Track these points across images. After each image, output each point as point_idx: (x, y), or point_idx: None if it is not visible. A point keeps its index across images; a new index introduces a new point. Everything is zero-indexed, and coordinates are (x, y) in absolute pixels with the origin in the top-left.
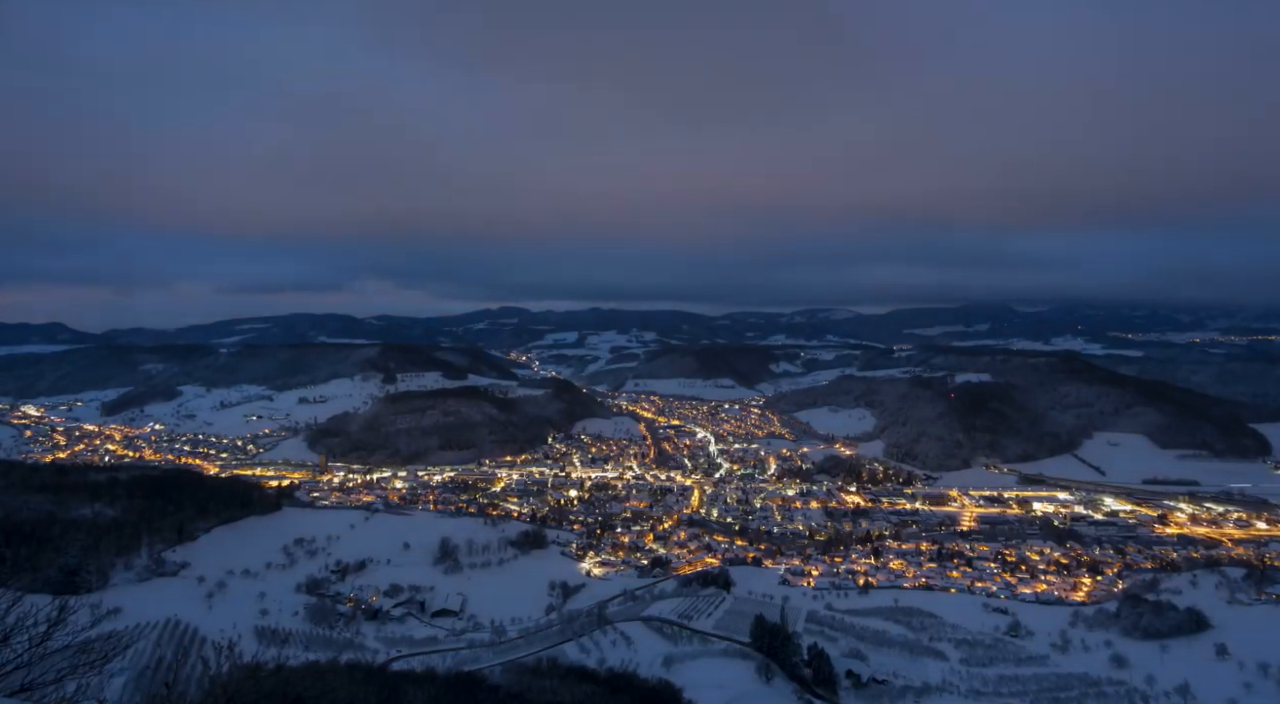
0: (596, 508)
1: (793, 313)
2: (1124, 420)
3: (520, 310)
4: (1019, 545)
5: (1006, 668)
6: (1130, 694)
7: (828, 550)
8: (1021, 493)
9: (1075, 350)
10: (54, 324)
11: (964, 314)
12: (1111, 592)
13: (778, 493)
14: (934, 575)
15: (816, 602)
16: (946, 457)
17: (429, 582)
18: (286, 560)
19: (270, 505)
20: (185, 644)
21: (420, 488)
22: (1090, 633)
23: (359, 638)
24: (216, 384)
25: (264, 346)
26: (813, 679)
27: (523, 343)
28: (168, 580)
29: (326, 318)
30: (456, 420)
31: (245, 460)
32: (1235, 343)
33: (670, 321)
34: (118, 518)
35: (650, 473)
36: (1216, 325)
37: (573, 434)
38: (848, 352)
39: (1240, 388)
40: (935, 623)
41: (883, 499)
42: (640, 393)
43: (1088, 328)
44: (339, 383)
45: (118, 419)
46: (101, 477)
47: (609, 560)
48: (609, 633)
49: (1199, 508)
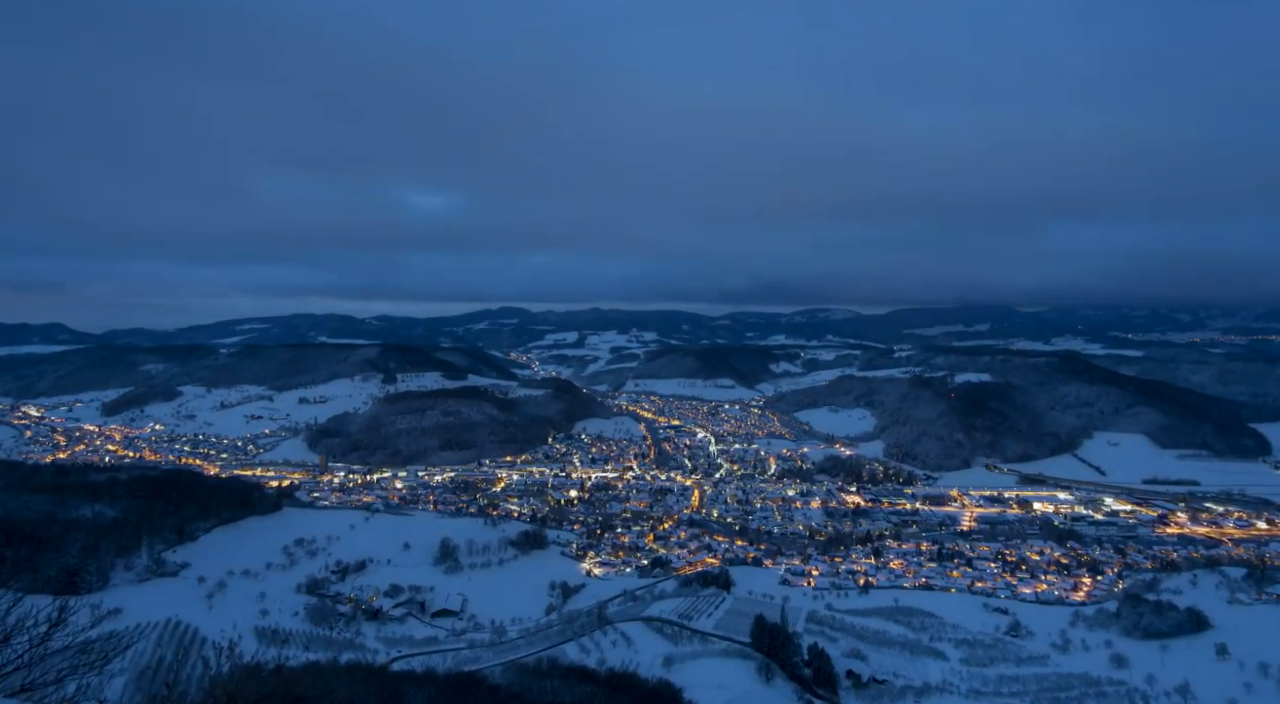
0: (597, 508)
1: (793, 313)
2: (1124, 420)
3: (520, 310)
4: (1019, 545)
5: (1007, 668)
6: (1130, 694)
7: (828, 550)
8: (1021, 493)
9: (1075, 350)
10: (54, 324)
11: (964, 314)
12: (1112, 592)
13: (778, 493)
14: (934, 575)
15: (817, 602)
16: (946, 457)
17: (429, 582)
18: (287, 561)
19: (270, 506)
20: (185, 644)
21: (420, 488)
22: (1090, 633)
23: (359, 638)
24: (216, 384)
25: (264, 347)
26: (813, 679)
27: (523, 343)
28: (168, 581)
29: (326, 318)
30: (456, 420)
31: (245, 461)
32: (1235, 343)
33: (670, 321)
34: (118, 518)
35: (650, 473)
36: (1216, 325)
37: (573, 434)
38: (848, 352)
39: (1240, 388)
40: (935, 623)
41: (883, 499)
42: (640, 393)
43: (1088, 328)
44: (339, 383)
45: (118, 419)
46: (102, 477)
47: (609, 561)
48: (609, 633)
49: (1199, 508)
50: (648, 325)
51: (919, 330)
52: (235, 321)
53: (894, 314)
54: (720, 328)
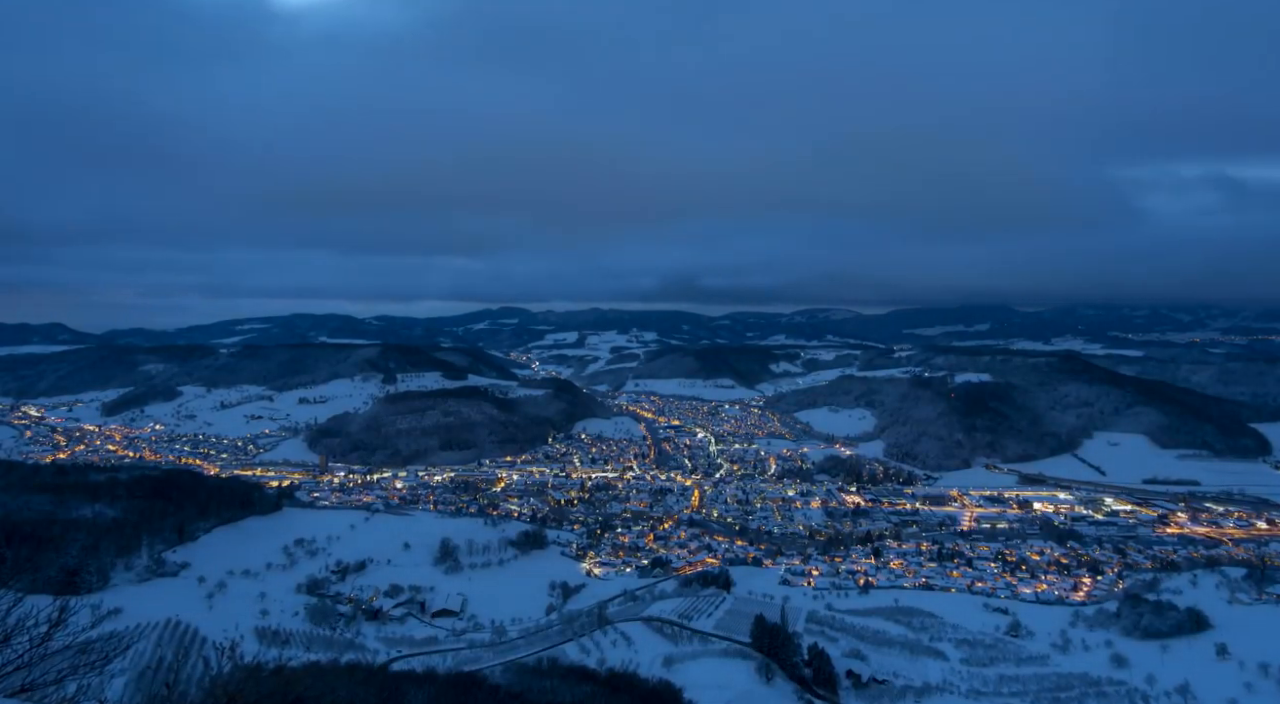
0: (597, 508)
1: (793, 313)
2: (1124, 420)
3: (520, 310)
4: (1019, 545)
5: (1007, 668)
6: (1130, 694)
7: (828, 550)
8: (1021, 493)
9: (1075, 350)
10: (54, 324)
11: (964, 314)
12: (1112, 592)
13: (778, 493)
14: (934, 575)
15: (817, 602)
16: (946, 457)
17: (429, 582)
18: (287, 561)
19: (270, 506)
20: (186, 645)
21: (420, 488)
22: (1090, 633)
23: (359, 638)
24: (216, 384)
25: (264, 347)
26: (813, 679)
27: (523, 343)
28: (168, 581)
29: (326, 318)
30: (456, 420)
31: (245, 461)
32: (1235, 343)
33: (670, 321)
34: (118, 518)
35: (650, 473)
36: (1216, 325)
37: (573, 434)
38: (848, 352)
39: (1240, 388)
40: (935, 623)
41: (883, 499)
42: (640, 393)
43: (1088, 328)
44: (339, 383)
45: (118, 419)
46: (102, 477)
47: (609, 561)
48: (609, 633)
49: (1199, 508)
50: (648, 325)
51: (919, 330)
52: (235, 321)
53: (894, 314)
54: (720, 328)
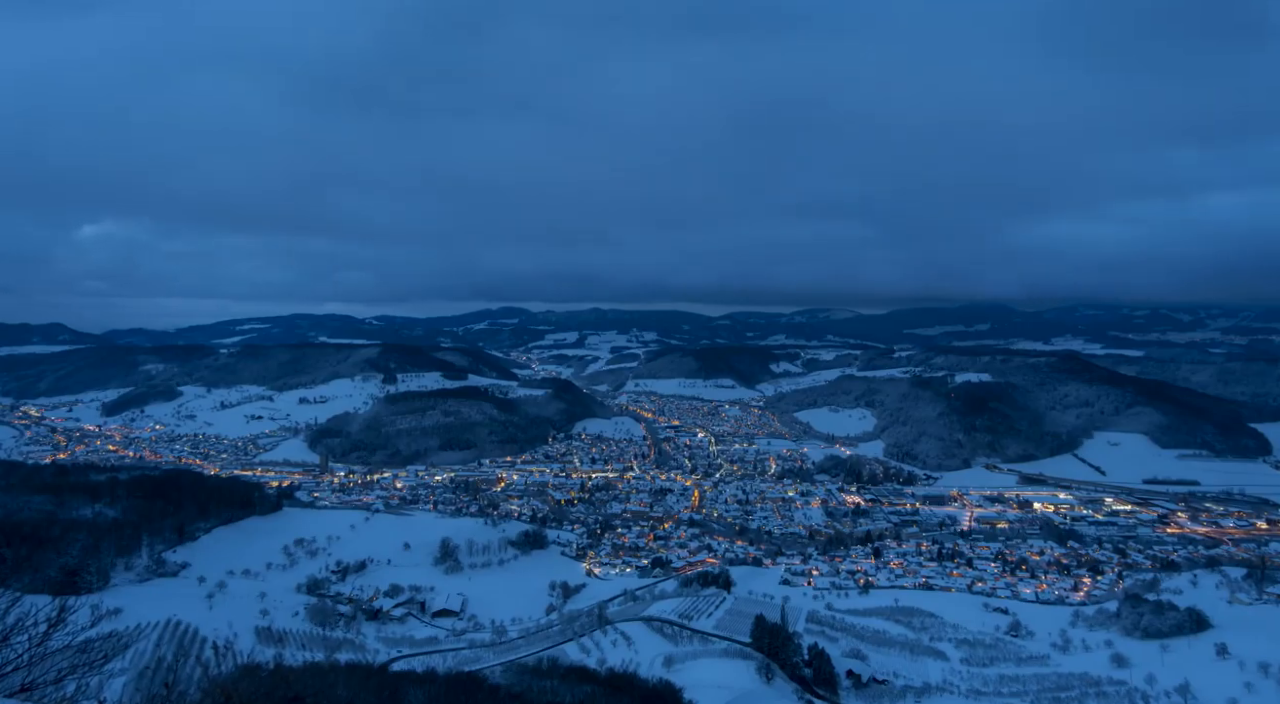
0: (597, 508)
1: (793, 313)
2: (1124, 420)
3: (520, 310)
4: (1019, 545)
5: (1007, 668)
6: (1130, 694)
7: (828, 550)
8: (1022, 493)
9: (1075, 350)
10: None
11: (964, 314)
12: (1112, 592)
13: (778, 493)
14: (934, 575)
15: (817, 602)
16: (946, 456)
17: (429, 582)
18: (287, 561)
19: (271, 506)
20: (185, 644)
21: (421, 488)
22: (1090, 633)
23: (359, 638)
24: (217, 384)
25: (264, 347)
26: (813, 679)
27: (523, 343)
28: (168, 581)
29: (326, 318)
30: (457, 420)
31: (245, 461)
32: (1235, 343)
33: (670, 321)
34: (118, 518)
35: (650, 473)
36: (1216, 325)
37: (573, 434)
38: (848, 352)
39: (1240, 388)
40: (935, 623)
41: (883, 499)
42: (640, 393)
43: (1088, 328)
44: (339, 383)
45: (118, 420)
46: (102, 477)
47: (609, 561)
48: (609, 633)
49: (1199, 507)
50: (648, 325)
51: (919, 330)
52: (235, 321)
53: (894, 314)
54: (720, 328)
